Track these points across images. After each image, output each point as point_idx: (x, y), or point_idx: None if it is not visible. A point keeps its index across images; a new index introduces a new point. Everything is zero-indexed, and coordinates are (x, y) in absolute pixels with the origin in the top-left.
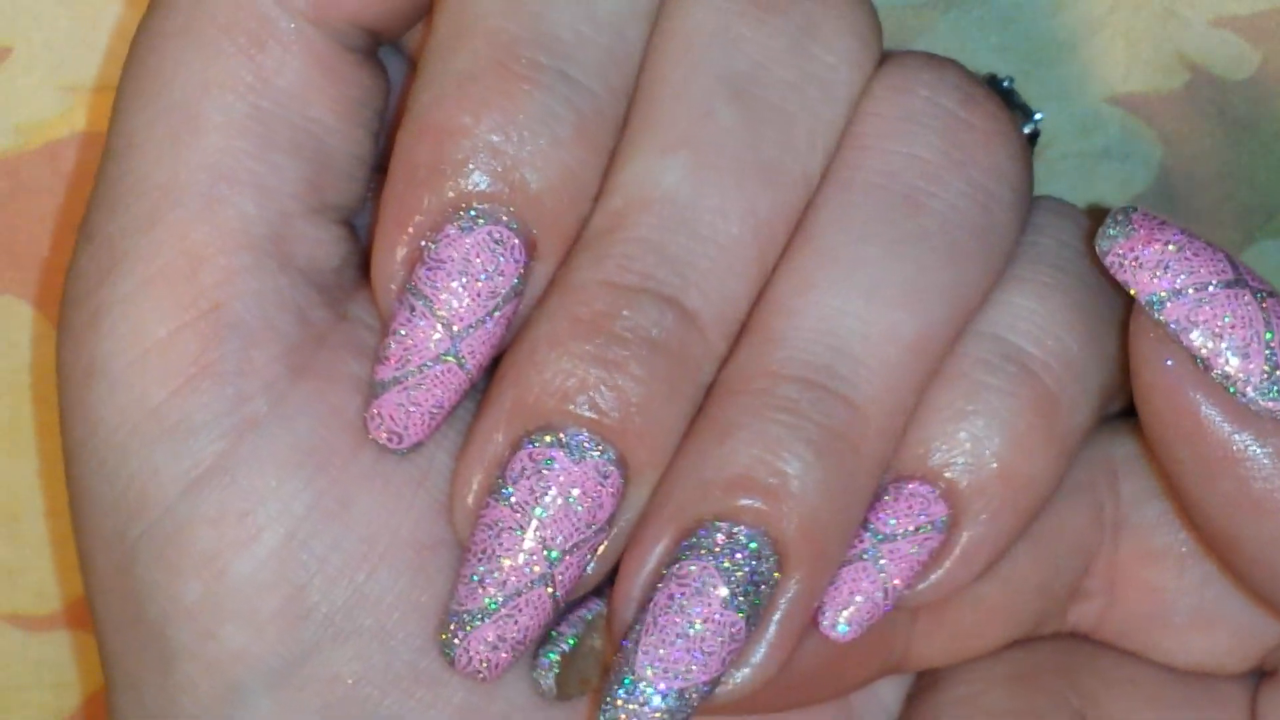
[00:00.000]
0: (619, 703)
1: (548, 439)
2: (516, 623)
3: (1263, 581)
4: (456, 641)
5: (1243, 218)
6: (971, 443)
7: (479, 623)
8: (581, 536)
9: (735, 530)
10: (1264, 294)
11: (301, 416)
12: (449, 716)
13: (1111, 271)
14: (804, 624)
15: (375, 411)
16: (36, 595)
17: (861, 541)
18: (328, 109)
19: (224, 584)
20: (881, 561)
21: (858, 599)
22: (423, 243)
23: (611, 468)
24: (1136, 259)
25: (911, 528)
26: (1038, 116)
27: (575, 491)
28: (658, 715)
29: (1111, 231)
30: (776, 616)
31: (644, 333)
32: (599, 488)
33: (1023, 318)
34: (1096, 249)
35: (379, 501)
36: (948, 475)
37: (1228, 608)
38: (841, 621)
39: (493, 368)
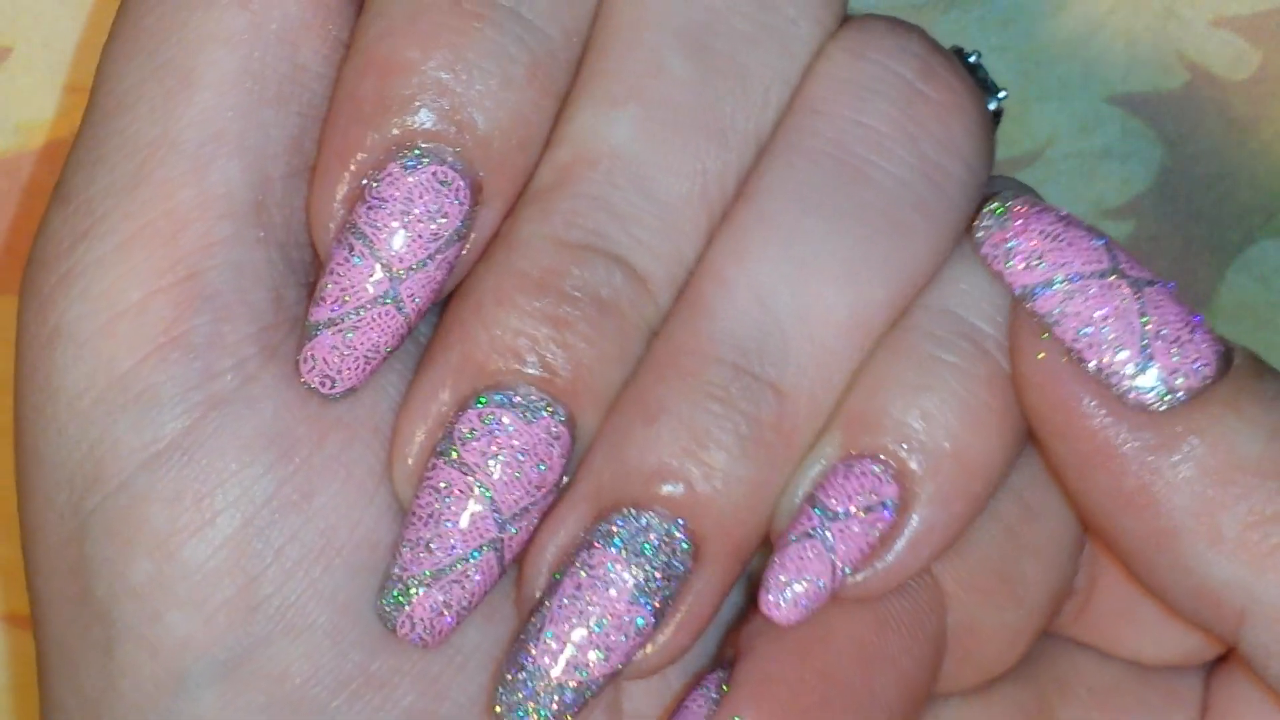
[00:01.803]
0: (518, 688)
1: (497, 398)
2: (464, 588)
3: (1144, 577)
4: (400, 606)
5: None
6: (924, 421)
7: (424, 588)
8: (531, 500)
9: (652, 520)
10: (1141, 283)
11: (268, 399)
12: (401, 715)
13: (986, 263)
14: (714, 610)
15: (309, 354)
16: None
17: (810, 519)
18: (316, 51)
19: (175, 567)
20: (831, 541)
21: (804, 580)
22: (364, 181)
23: (561, 428)
24: (1009, 250)
25: (861, 507)
26: (1001, 94)
27: (525, 453)
28: (555, 704)
29: (986, 222)
30: (684, 605)
31: (593, 291)
32: (549, 449)
33: (976, 294)
34: (973, 240)
35: (341, 494)
36: (899, 455)
37: None
38: (785, 602)
39: (430, 315)
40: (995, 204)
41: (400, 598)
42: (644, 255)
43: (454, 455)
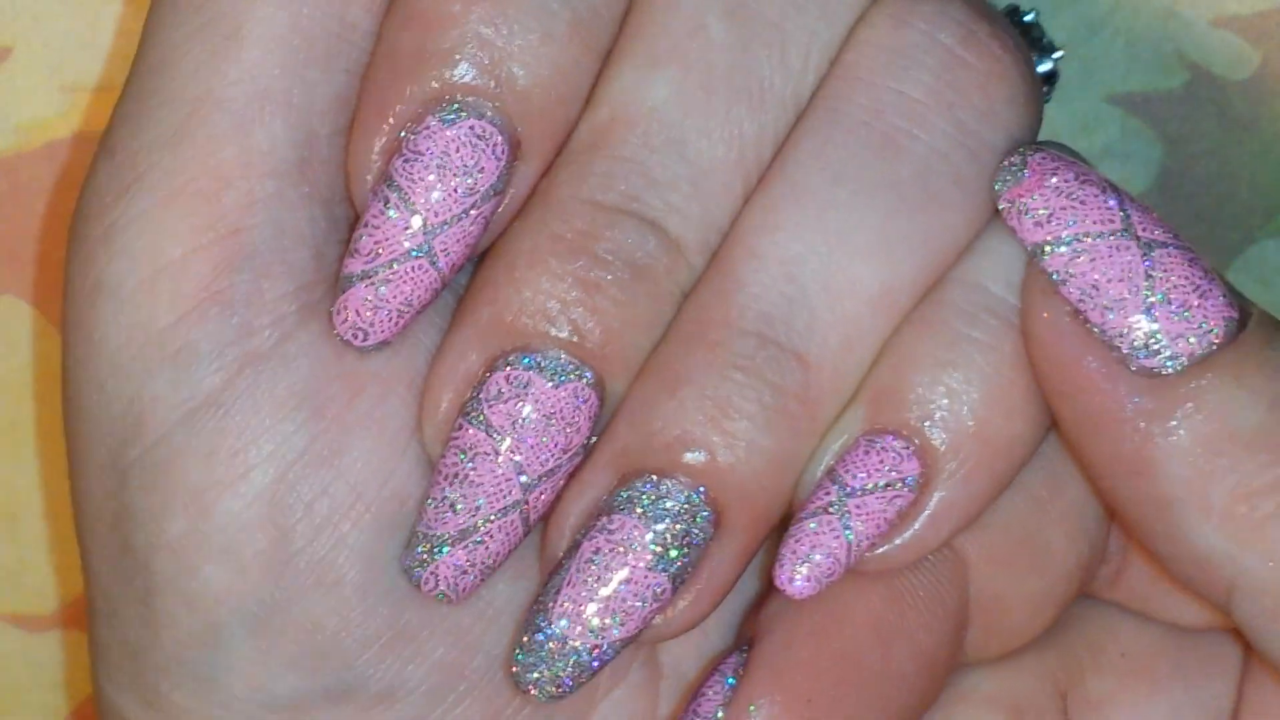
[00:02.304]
0: (535, 649)
1: (525, 361)
2: (487, 548)
3: (1143, 542)
4: (424, 563)
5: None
6: (949, 398)
7: (448, 547)
8: (556, 462)
9: (673, 488)
10: (1153, 245)
11: (304, 356)
12: (428, 671)
13: (1003, 218)
14: (733, 580)
15: (342, 306)
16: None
17: (828, 494)
18: (365, 9)
19: (210, 521)
20: (848, 517)
21: (819, 554)
22: (402, 134)
23: (590, 391)
24: (1023, 206)
25: (881, 483)
26: (1057, 54)
27: (552, 416)
28: (569, 668)
29: (1005, 175)
30: (704, 574)
31: (626, 255)
32: (576, 412)
33: (1008, 267)
34: (994, 192)
35: (373, 449)
36: (923, 432)
37: None
38: (799, 577)
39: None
40: (1014, 158)
41: (425, 555)
42: (678, 220)
43: (480, 416)
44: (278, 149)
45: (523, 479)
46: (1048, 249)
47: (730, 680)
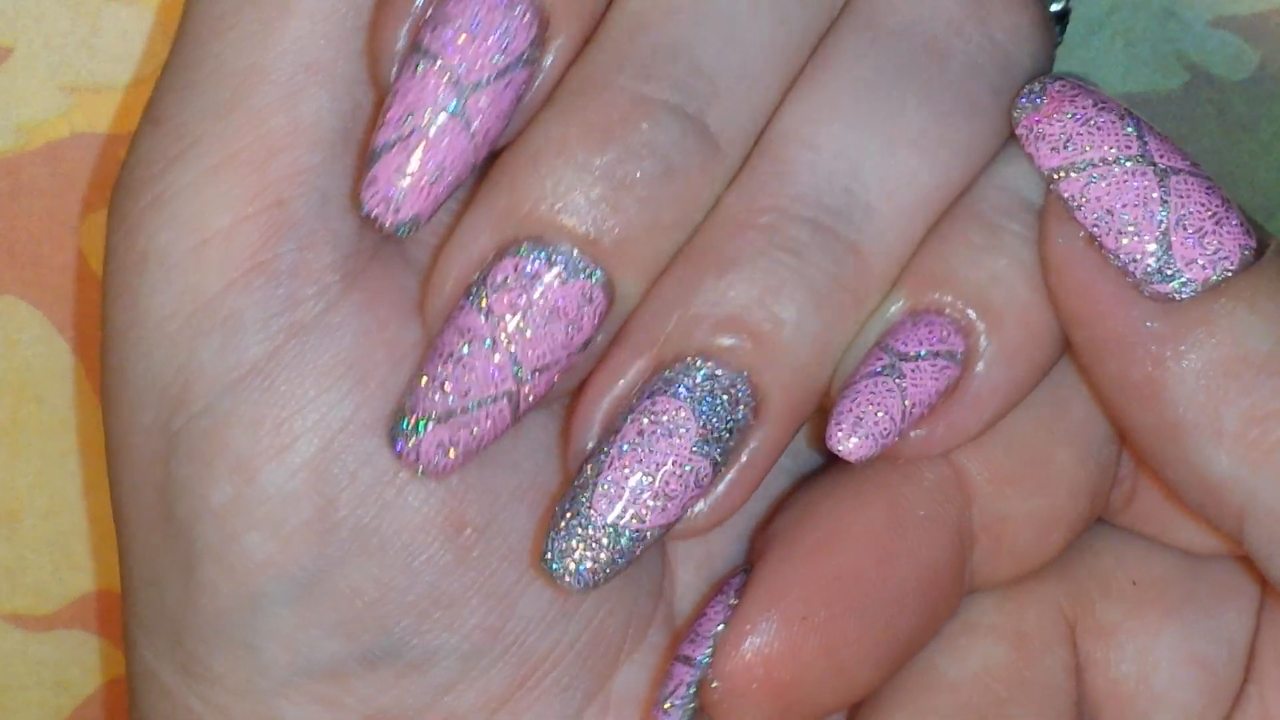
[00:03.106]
0: (574, 533)
1: (536, 253)
2: (471, 432)
3: (1155, 469)
4: (406, 437)
5: None
6: (992, 281)
7: (432, 424)
8: (555, 358)
9: (718, 372)
10: (1169, 172)
11: (347, 327)
12: (464, 636)
13: (1020, 143)
14: (766, 472)
15: (371, 177)
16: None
17: (881, 359)
18: None
19: (254, 489)
20: (903, 379)
21: (876, 414)
22: (430, 10)
23: (599, 290)
24: (1041, 132)
25: (931, 351)
26: None
27: (555, 312)
28: (608, 551)
29: (1024, 102)
30: (739, 463)
31: (662, 152)
32: (581, 311)
33: (1037, 175)
34: (1012, 119)
35: None
36: (967, 311)
37: None
38: (856, 436)
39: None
40: (1034, 85)
41: (407, 429)
42: (721, 110)
43: (482, 301)
44: (323, 120)
45: (516, 370)
46: (1062, 174)
47: (733, 600)
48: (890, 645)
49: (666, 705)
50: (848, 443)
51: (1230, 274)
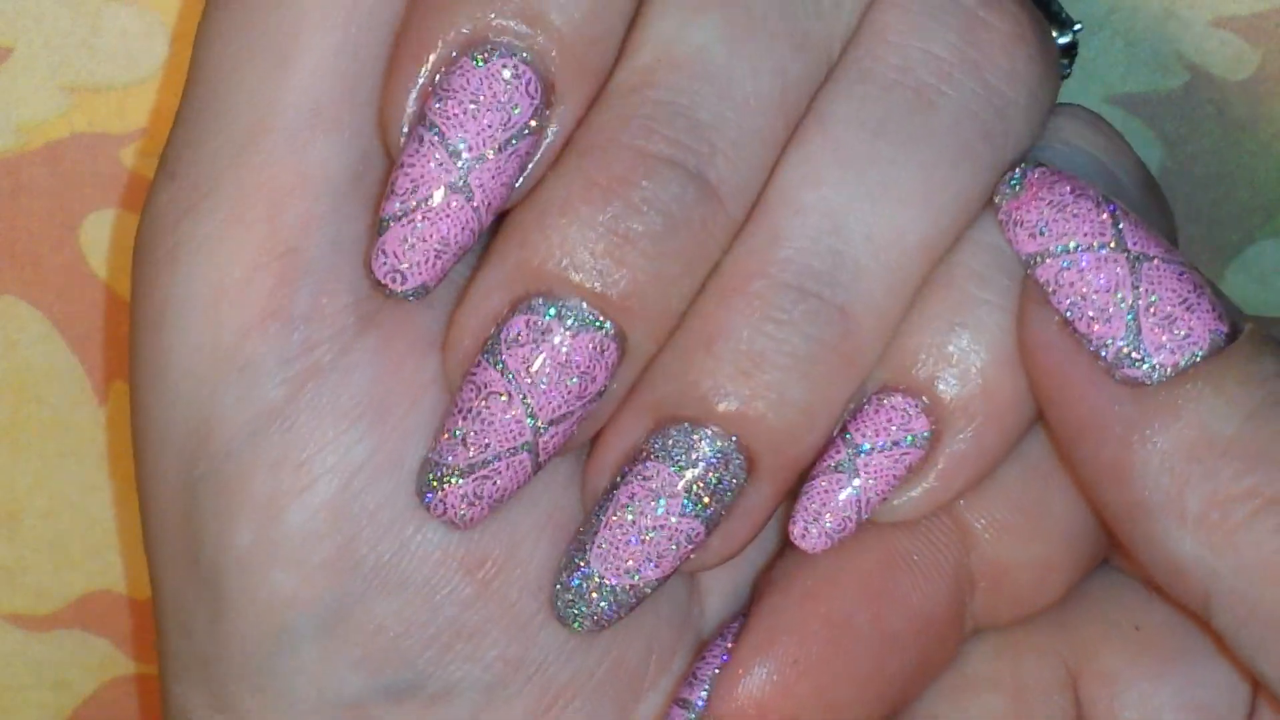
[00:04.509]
0: (571, 589)
1: (548, 308)
2: (495, 484)
3: (1130, 550)
4: (432, 491)
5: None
6: (958, 357)
7: (456, 478)
8: (569, 408)
9: (707, 437)
10: (1141, 259)
11: (364, 367)
12: (486, 668)
13: (1000, 229)
14: (766, 520)
15: (379, 249)
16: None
17: (838, 453)
18: None
19: (277, 530)
20: (857, 476)
21: (829, 512)
22: (437, 78)
23: (610, 342)
24: (1019, 219)
25: (890, 442)
26: (1077, 27)
27: (570, 364)
28: (605, 606)
29: (1004, 188)
30: (737, 513)
31: (662, 206)
32: (594, 362)
33: None
34: (994, 206)
35: None
36: (932, 389)
37: None
38: (812, 532)
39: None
40: (1014, 173)
41: (434, 482)
42: (722, 165)
43: (498, 358)
44: (331, 166)
45: (533, 422)
46: (1039, 260)
47: (730, 644)
48: (883, 687)
49: None
50: (805, 540)
51: (1198, 358)
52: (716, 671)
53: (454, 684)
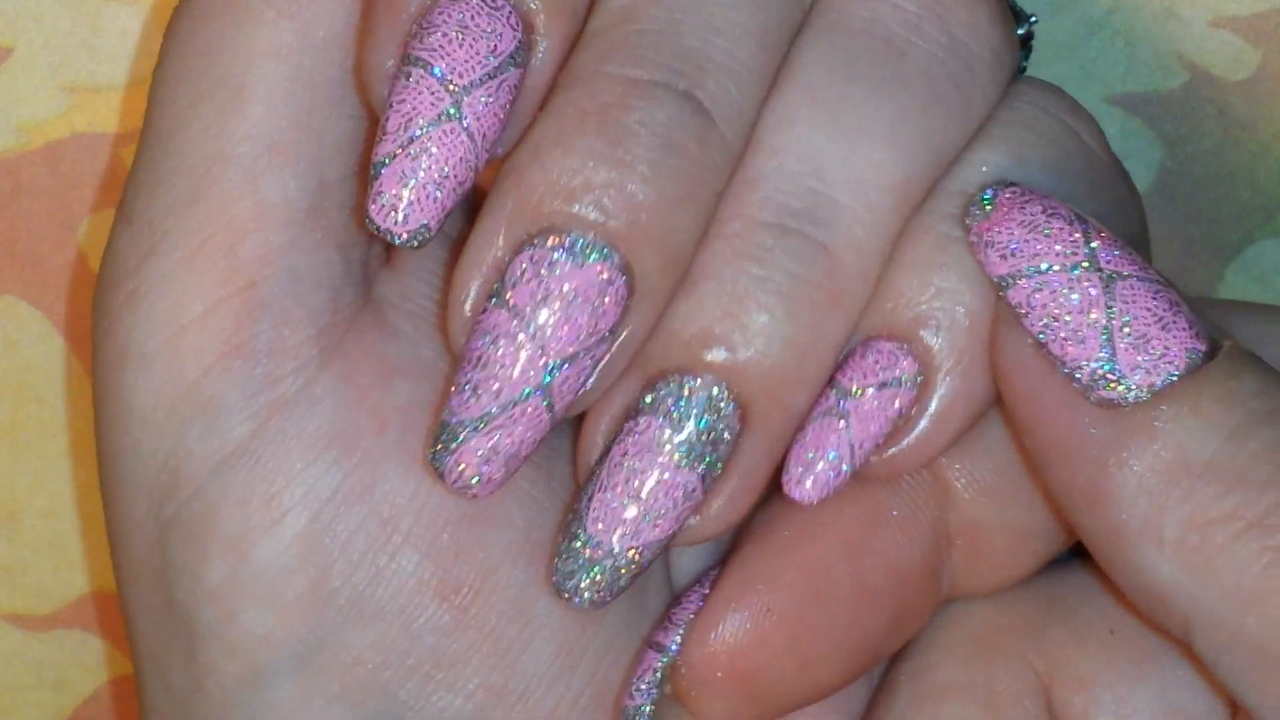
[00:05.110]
0: (573, 555)
1: (550, 241)
2: (510, 435)
3: (1110, 575)
4: (446, 453)
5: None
6: (940, 298)
7: (471, 434)
8: (582, 345)
9: (696, 385)
10: (1115, 278)
11: (329, 399)
12: (467, 697)
13: (971, 251)
14: (766, 476)
15: (376, 191)
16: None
17: (827, 399)
18: None
19: (249, 567)
20: (847, 420)
21: (821, 461)
22: (411, 29)
23: (616, 273)
24: (990, 240)
25: (879, 383)
26: (1032, 19)
27: (577, 297)
28: (607, 572)
29: (974, 210)
30: (736, 470)
31: (658, 128)
32: (601, 294)
33: (995, 174)
34: (963, 228)
35: (403, 480)
36: (918, 332)
37: None
38: (806, 483)
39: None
40: (985, 193)
41: (448, 442)
42: (714, 89)
43: (504, 298)
44: (289, 199)
45: (545, 361)
46: (1010, 281)
47: (707, 590)
48: (857, 642)
49: (634, 689)
50: (799, 489)
51: (1174, 379)
52: (692, 617)
53: (436, 714)
